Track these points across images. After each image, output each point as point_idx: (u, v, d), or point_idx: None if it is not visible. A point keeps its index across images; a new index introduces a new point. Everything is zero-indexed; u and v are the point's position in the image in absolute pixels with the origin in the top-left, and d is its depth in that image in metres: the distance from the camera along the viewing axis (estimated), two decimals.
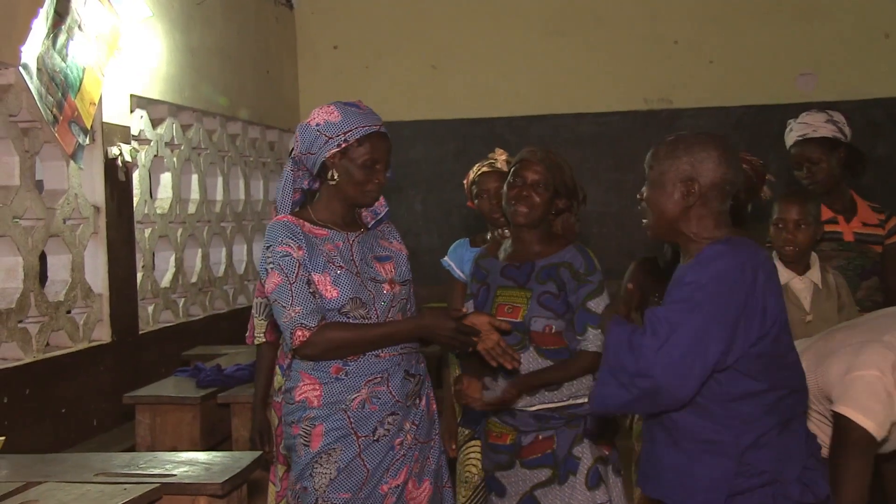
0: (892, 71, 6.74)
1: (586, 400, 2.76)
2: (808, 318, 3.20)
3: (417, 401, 2.64)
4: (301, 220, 2.59)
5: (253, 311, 3.37)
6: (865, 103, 6.66)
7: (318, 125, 2.55)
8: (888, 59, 6.76)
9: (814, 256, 3.35)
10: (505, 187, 2.88)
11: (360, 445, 2.54)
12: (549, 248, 2.86)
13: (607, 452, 2.88)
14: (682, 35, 7.00)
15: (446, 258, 3.64)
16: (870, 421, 2.44)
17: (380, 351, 2.55)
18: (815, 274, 3.30)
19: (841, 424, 2.47)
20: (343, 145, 2.53)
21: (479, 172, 3.57)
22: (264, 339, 3.32)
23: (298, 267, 2.49)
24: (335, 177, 2.56)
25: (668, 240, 2.26)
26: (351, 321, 2.53)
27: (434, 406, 2.75)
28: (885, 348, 2.50)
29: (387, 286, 2.59)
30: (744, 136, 6.85)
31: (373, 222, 2.67)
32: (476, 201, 3.56)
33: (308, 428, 2.57)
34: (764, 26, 6.90)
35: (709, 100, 6.94)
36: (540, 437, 2.84)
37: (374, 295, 2.56)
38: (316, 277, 2.51)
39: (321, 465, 2.55)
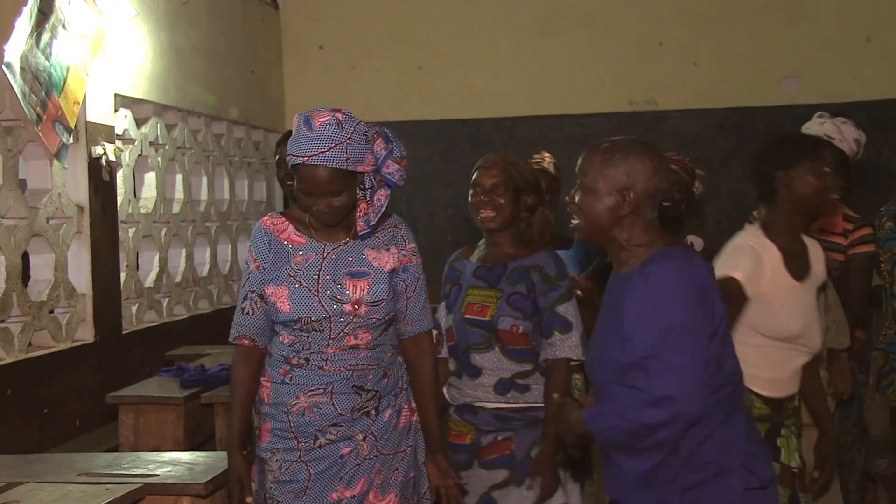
0: (874, 74, 6.78)
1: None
2: None
3: (374, 412, 2.59)
4: (287, 223, 2.60)
5: None
6: (848, 106, 6.66)
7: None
8: (871, 62, 6.80)
9: None
10: (469, 198, 2.92)
11: (300, 450, 2.56)
12: (522, 252, 2.89)
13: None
14: (667, 37, 7.02)
15: None
16: (737, 272, 2.62)
17: (324, 363, 2.55)
18: None
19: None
20: (289, 167, 2.57)
21: None
22: None
23: (247, 279, 2.59)
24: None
25: (597, 243, 2.30)
26: (307, 336, 2.54)
27: (412, 417, 2.69)
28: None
29: (349, 306, 2.52)
30: (728, 137, 6.89)
31: (361, 232, 2.58)
32: None
33: (260, 423, 2.63)
34: (748, 29, 6.93)
35: (693, 101, 6.96)
36: (499, 437, 2.86)
37: (330, 314, 2.51)
38: (271, 290, 2.54)
39: (268, 463, 2.60)
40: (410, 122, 7.09)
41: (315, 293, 2.51)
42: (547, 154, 3.62)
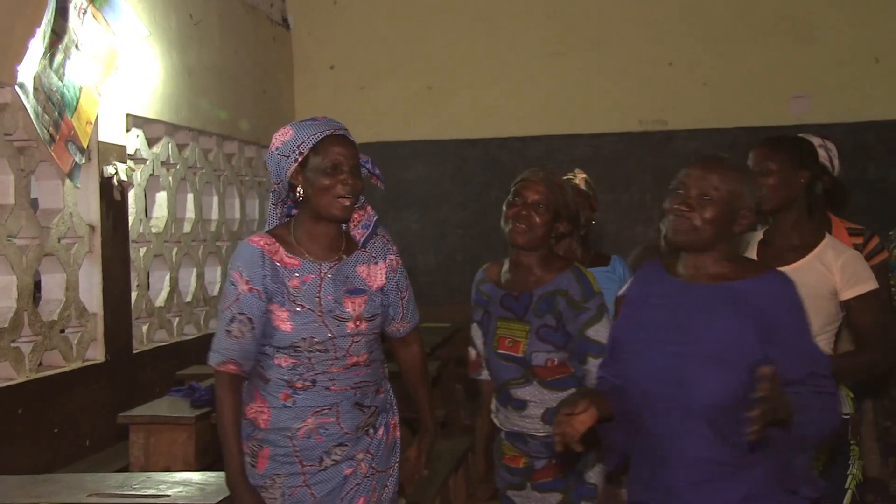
0: (883, 95, 6.79)
1: None
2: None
3: (372, 430, 2.59)
4: (277, 244, 2.52)
5: None
6: (857, 126, 6.71)
7: (277, 149, 2.50)
8: (879, 82, 6.82)
9: None
10: (504, 207, 2.84)
11: (305, 473, 2.52)
12: (547, 275, 2.79)
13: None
14: (676, 57, 7.04)
15: None
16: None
17: (330, 384, 2.51)
18: None
19: None
20: (299, 158, 2.46)
21: None
22: None
23: (236, 300, 2.46)
24: (301, 193, 2.49)
25: (690, 250, 2.23)
26: (310, 357, 2.48)
27: (397, 434, 2.69)
28: None
29: (351, 324, 2.51)
30: (738, 157, 6.82)
31: (363, 238, 2.58)
32: None
33: (255, 448, 2.55)
34: (758, 49, 6.95)
35: (703, 121, 6.97)
36: (553, 461, 2.80)
37: (334, 334, 2.49)
38: (273, 307, 2.47)
39: (267, 491, 2.52)
40: (420, 141, 7.11)
41: (318, 314, 2.48)
42: (581, 172, 3.59)
